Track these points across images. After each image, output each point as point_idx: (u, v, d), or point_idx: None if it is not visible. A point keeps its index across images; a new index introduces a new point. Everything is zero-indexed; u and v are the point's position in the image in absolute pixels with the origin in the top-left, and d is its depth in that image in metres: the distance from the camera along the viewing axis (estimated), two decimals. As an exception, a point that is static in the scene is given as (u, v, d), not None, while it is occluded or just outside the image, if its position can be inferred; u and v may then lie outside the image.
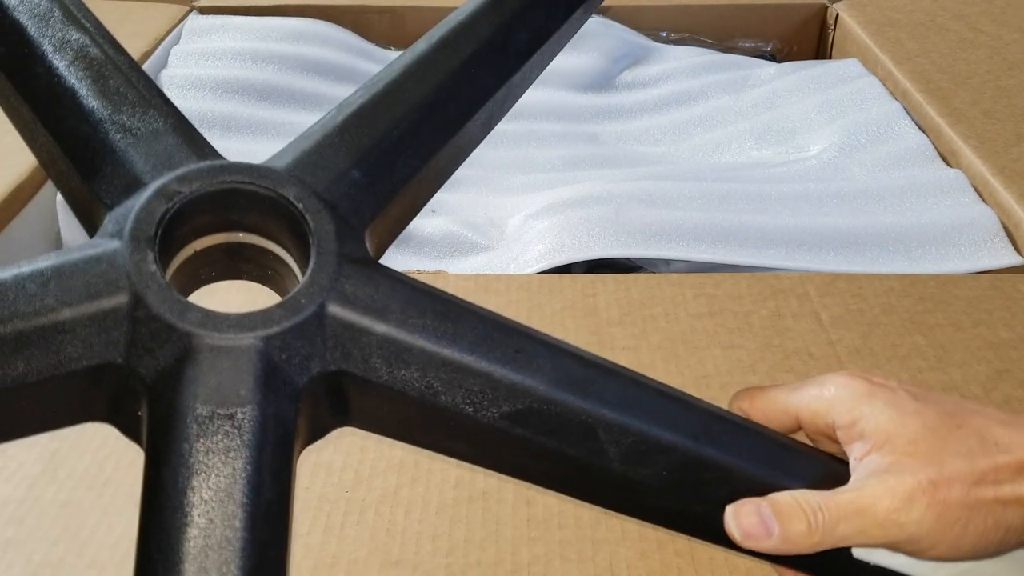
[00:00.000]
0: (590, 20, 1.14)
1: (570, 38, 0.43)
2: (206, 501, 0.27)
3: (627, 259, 0.72)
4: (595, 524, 0.46)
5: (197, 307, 0.29)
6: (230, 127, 0.89)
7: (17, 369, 0.28)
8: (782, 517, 0.30)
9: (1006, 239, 0.71)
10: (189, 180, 0.31)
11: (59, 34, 0.33)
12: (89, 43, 0.33)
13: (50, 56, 0.33)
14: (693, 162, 0.90)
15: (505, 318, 0.32)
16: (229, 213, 0.32)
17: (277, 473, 0.28)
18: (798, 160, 0.88)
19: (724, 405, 0.52)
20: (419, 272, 0.65)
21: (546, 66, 0.43)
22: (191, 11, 1.07)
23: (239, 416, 0.28)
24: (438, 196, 0.82)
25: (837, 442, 0.33)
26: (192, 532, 0.26)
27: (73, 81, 0.33)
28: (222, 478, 0.27)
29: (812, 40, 1.11)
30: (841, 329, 0.59)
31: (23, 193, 0.73)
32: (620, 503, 0.33)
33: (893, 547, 0.30)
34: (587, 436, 0.31)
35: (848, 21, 1.05)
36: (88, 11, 0.35)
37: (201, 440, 0.27)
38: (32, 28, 0.33)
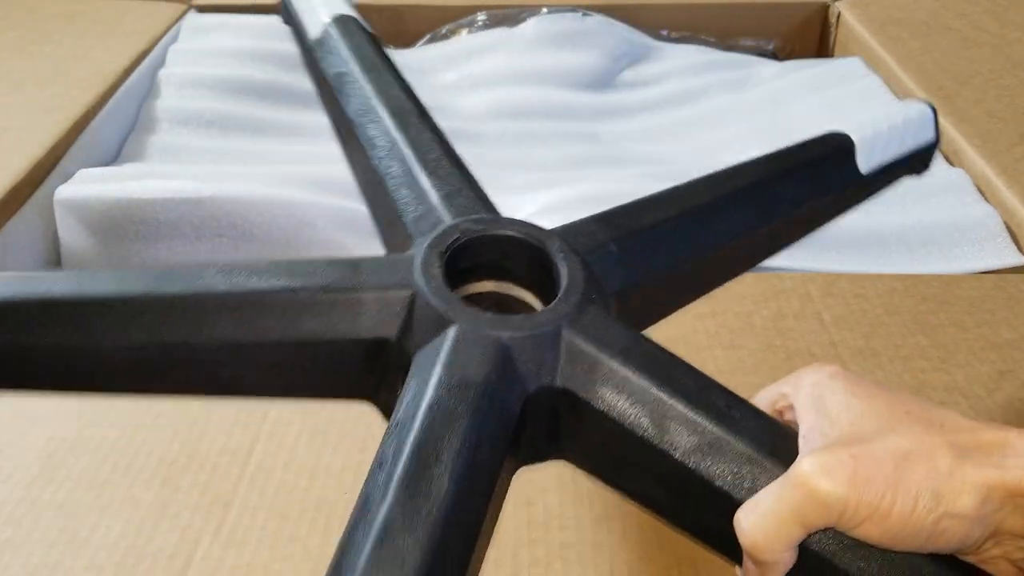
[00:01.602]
0: (590, 18, 1.13)
1: (833, 217, 0.51)
2: (443, 462, 0.31)
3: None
4: (596, 526, 0.46)
5: (461, 304, 0.35)
6: (229, 126, 0.89)
7: (320, 327, 0.35)
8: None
9: (1009, 239, 0.71)
10: (478, 223, 0.40)
11: (414, 130, 0.46)
12: (419, 130, 0.46)
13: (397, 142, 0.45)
14: (694, 161, 0.89)
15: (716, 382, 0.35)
16: (499, 256, 0.40)
17: (491, 451, 0.32)
18: (799, 159, 0.88)
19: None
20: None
21: (810, 231, 0.50)
22: (189, 9, 1.07)
23: (476, 391, 0.32)
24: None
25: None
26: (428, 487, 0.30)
27: (409, 161, 0.45)
28: (453, 440, 0.31)
29: (814, 39, 1.11)
30: (843, 329, 0.58)
31: (20, 194, 0.73)
32: None
33: (829, 524, 0.29)
34: None
35: (850, 20, 1.05)
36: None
37: (440, 407, 0.32)
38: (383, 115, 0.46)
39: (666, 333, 0.59)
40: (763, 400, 0.35)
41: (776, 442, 0.32)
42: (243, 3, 1.09)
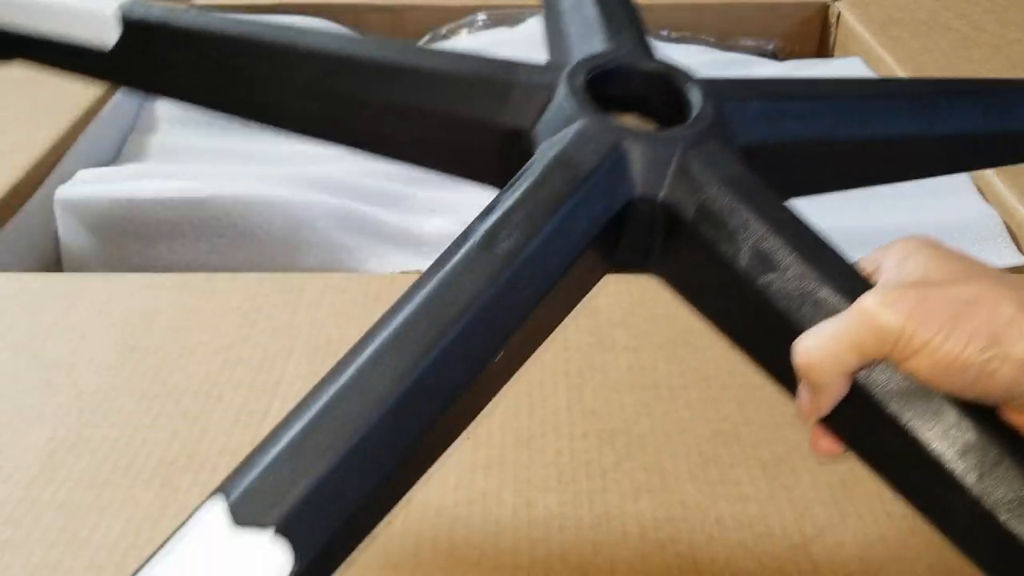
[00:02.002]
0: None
1: (1010, 158, 0.50)
2: (530, 228, 0.33)
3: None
4: (596, 526, 0.46)
5: (593, 106, 0.38)
6: (228, 126, 0.89)
7: (472, 107, 0.40)
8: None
9: (1009, 239, 0.71)
10: (629, 55, 0.43)
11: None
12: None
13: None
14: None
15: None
16: (643, 90, 0.41)
17: (580, 237, 0.34)
18: (799, 159, 0.88)
19: (725, 406, 0.52)
20: (419, 272, 0.65)
21: (985, 164, 0.52)
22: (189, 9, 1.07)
23: (583, 177, 0.34)
24: (438, 196, 0.82)
25: None
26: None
27: None
28: (547, 214, 0.33)
29: (814, 39, 1.11)
30: (843, 329, 0.58)
31: (20, 193, 0.73)
32: None
33: (882, 353, 0.30)
34: None
35: (850, 20, 1.05)
36: None
37: (544, 184, 0.34)
38: None
39: (666, 333, 0.59)
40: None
41: (853, 286, 0.33)
42: (243, 3, 1.09)
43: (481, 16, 1.07)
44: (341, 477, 0.28)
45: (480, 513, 0.46)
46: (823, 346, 0.31)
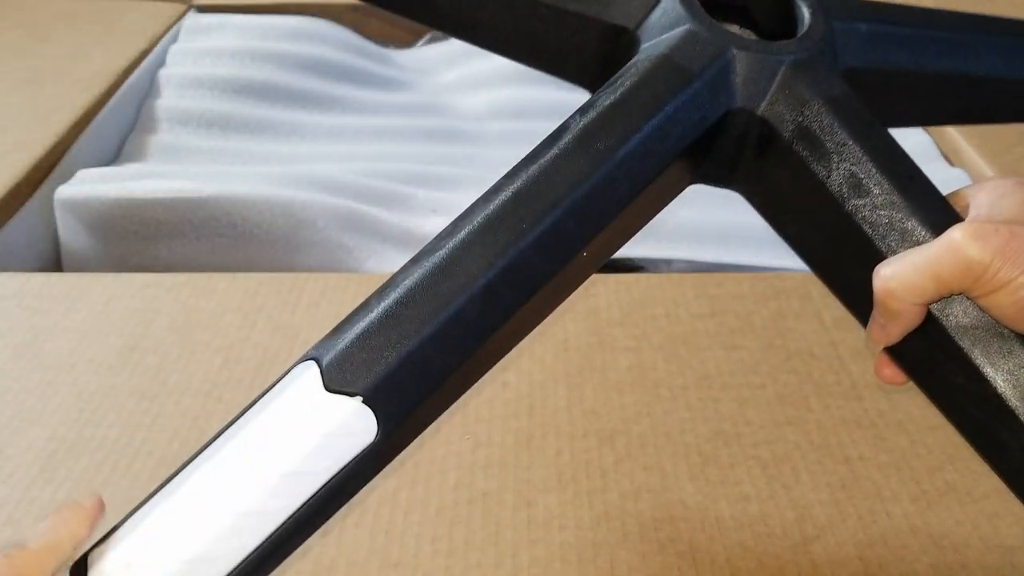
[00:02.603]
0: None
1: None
2: (626, 129, 0.33)
3: (628, 259, 0.72)
4: (595, 526, 0.46)
5: (702, 11, 0.36)
6: (228, 126, 0.89)
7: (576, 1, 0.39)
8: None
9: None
10: None
11: None
12: None
13: None
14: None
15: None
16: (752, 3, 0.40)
17: (675, 142, 0.34)
18: (799, 159, 0.88)
19: (725, 406, 0.52)
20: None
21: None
22: (189, 9, 1.07)
23: (685, 80, 0.34)
24: (438, 196, 0.82)
25: None
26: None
27: None
28: (643, 114, 0.33)
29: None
30: (843, 329, 0.58)
31: (21, 193, 0.73)
32: None
33: (964, 287, 0.30)
34: None
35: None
36: None
37: (645, 83, 0.34)
38: None
39: (666, 333, 0.59)
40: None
41: (943, 219, 0.33)
42: (243, 3, 1.09)
43: (481, 16, 1.07)
44: (428, 353, 0.29)
45: (480, 513, 0.46)
46: (905, 274, 0.31)
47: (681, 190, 0.37)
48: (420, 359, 0.29)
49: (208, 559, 0.28)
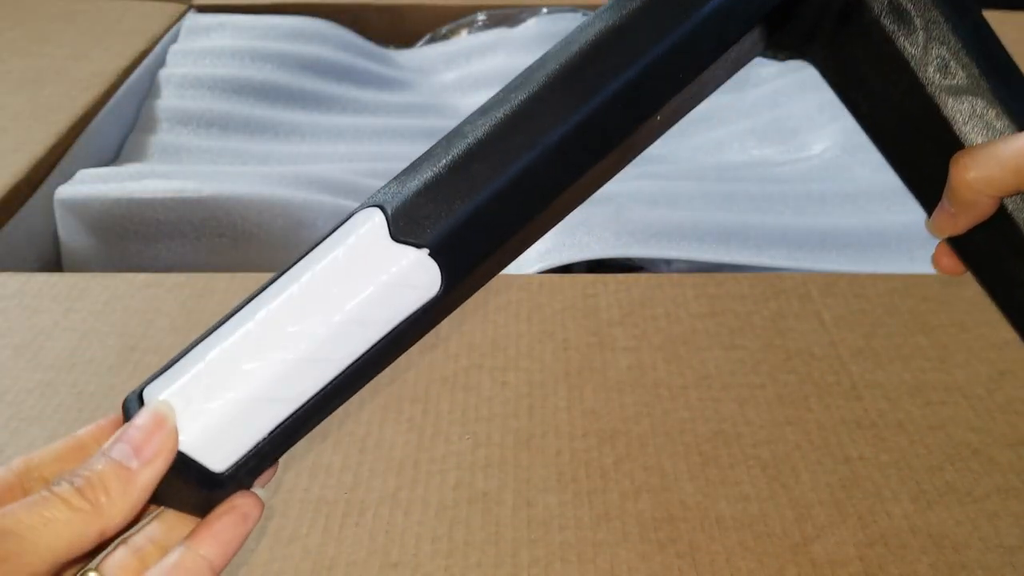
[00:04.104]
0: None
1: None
2: None
3: (628, 259, 0.72)
4: (596, 526, 0.46)
5: None
6: (229, 126, 0.89)
7: None
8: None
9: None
10: None
11: None
12: None
13: None
14: (694, 161, 0.89)
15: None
16: None
17: (756, 7, 0.31)
18: (800, 159, 0.88)
19: (725, 406, 0.52)
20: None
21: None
22: (189, 9, 1.07)
23: None
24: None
25: None
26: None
27: None
28: None
29: (813, 39, 1.11)
30: (843, 329, 0.58)
31: (20, 193, 0.73)
32: None
33: None
34: None
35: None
36: None
37: None
38: None
39: (666, 333, 0.59)
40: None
41: None
42: (243, 3, 1.09)
43: (481, 16, 1.07)
44: (497, 209, 0.29)
45: (480, 513, 0.46)
46: (985, 163, 0.30)
47: (754, 56, 0.35)
48: (488, 214, 0.28)
49: (267, 400, 0.28)
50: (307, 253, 0.29)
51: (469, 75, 1.02)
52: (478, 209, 0.28)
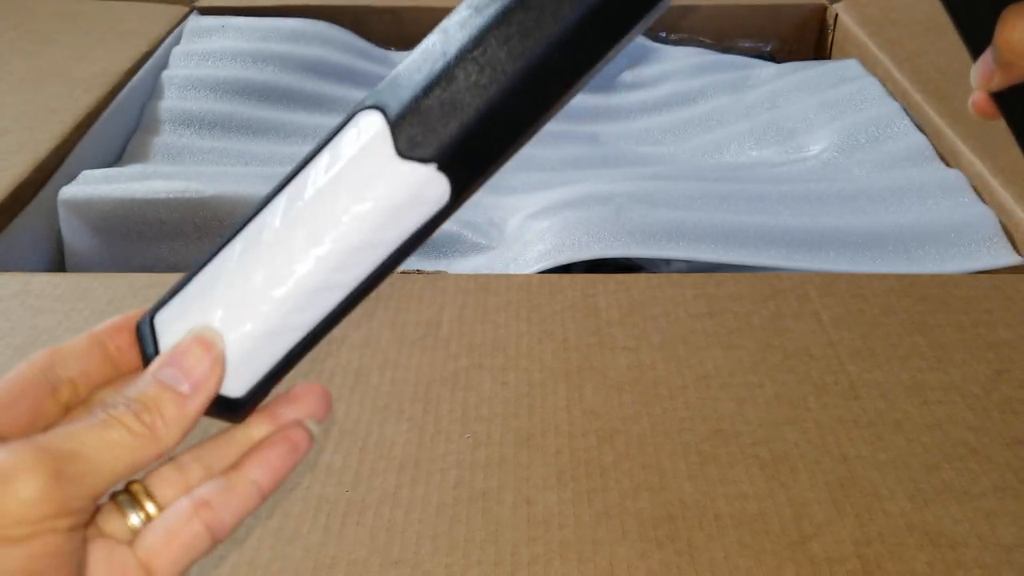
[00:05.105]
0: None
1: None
2: None
3: (627, 259, 0.72)
4: (595, 524, 0.46)
5: None
6: (230, 127, 0.89)
7: None
8: None
9: (1005, 239, 0.71)
10: None
11: None
12: None
13: None
14: (693, 162, 0.90)
15: None
16: None
17: None
18: (798, 160, 0.88)
19: (724, 405, 0.53)
20: (419, 272, 0.65)
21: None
22: (191, 11, 1.08)
23: None
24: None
25: None
26: None
27: None
28: None
29: (811, 40, 1.11)
30: (841, 329, 0.59)
31: (24, 194, 0.73)
32: None
33: None
34: None
35: (847, 21, 1.05)
36: None
37: None
38: None
39: (666, 332, 0.59)
40: None
41: None
42: (245, 5, 1.10)
43: (481, 17, 1.07)
44: (508, 107, 0.27)
45: (480, 512, 0.47)
46: None
47: None
48: (499, 114, 0.27)
49: (280, 331, 0.28)
50: (307, 163, 0.28)
51: (469, 76, 1.02)
52: (490, 110, 0.26)
